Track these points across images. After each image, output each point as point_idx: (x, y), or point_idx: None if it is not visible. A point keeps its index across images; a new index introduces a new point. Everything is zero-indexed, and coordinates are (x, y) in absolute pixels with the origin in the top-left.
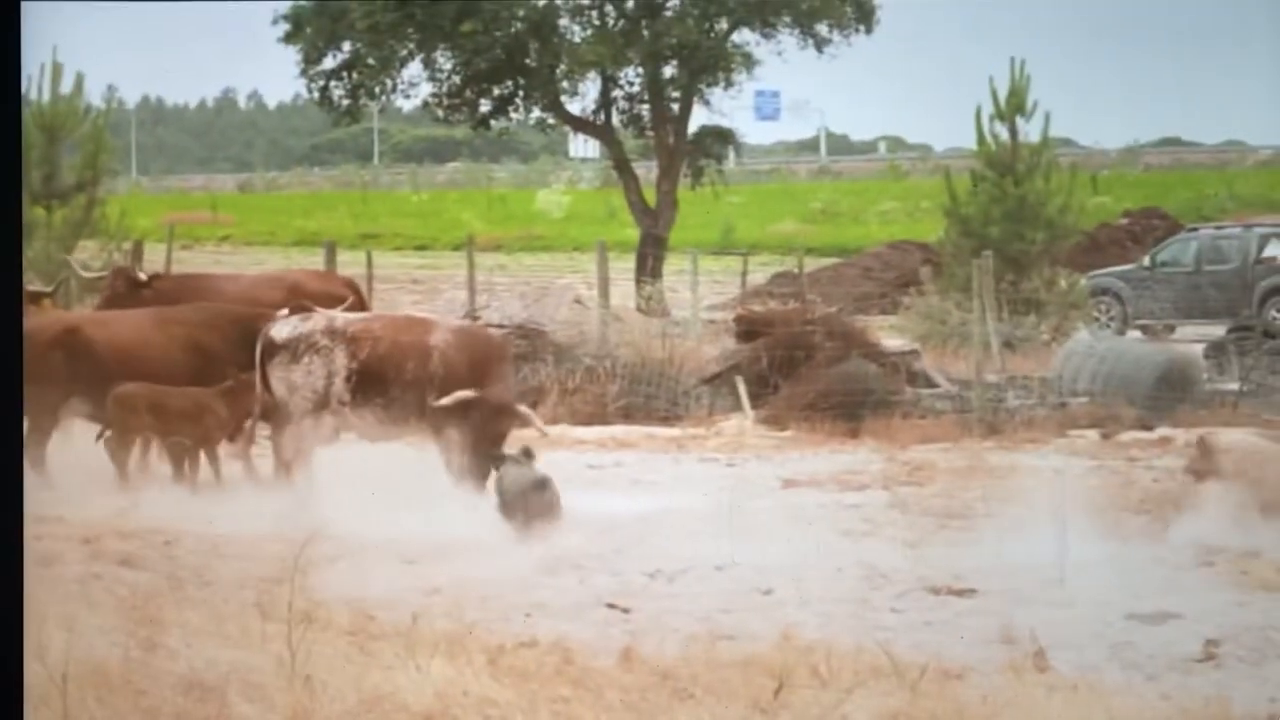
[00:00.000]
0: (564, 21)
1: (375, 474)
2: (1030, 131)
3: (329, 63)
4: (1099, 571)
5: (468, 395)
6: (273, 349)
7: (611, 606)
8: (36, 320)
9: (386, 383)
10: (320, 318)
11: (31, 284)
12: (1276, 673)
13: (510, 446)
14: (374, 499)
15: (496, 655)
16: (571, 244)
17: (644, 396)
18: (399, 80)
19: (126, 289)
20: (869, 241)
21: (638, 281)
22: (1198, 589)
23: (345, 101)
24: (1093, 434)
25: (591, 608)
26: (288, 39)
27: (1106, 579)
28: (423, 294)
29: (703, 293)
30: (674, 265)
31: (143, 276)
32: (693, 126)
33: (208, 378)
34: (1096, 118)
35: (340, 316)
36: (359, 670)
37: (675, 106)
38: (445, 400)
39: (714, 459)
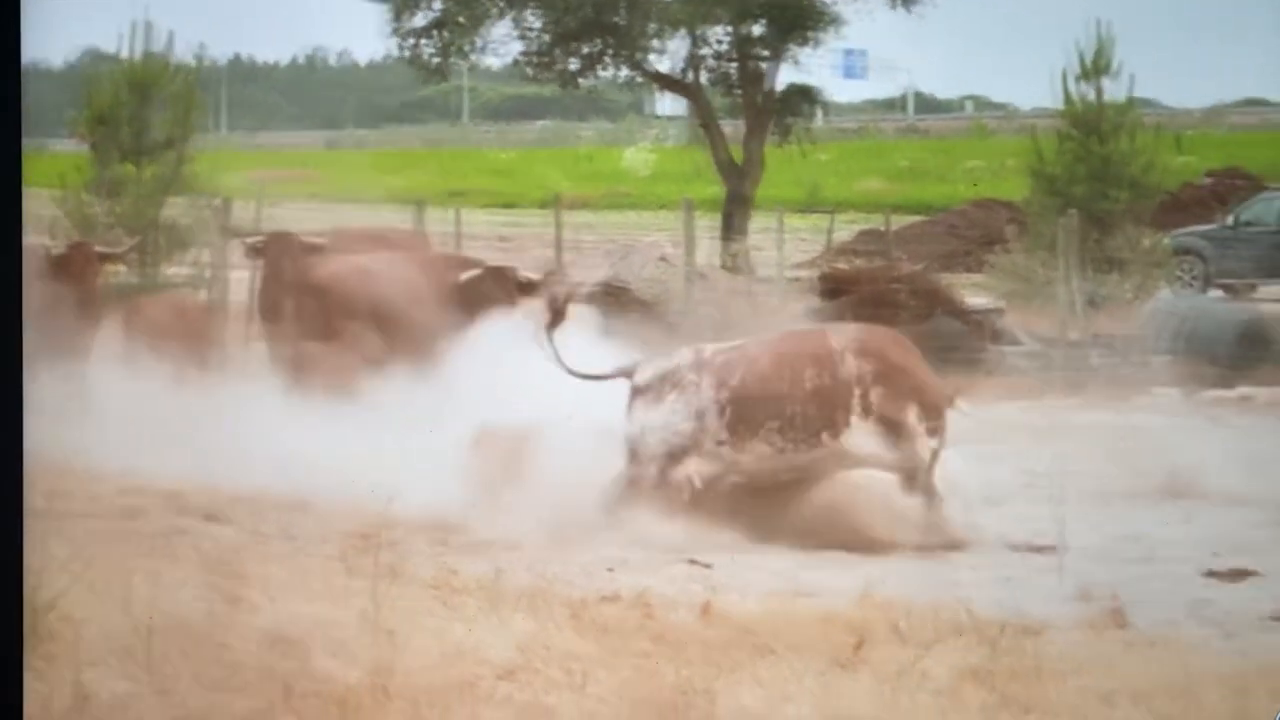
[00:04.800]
0: None
1: None
2: (1115, 91)
3: (419, 21)
4: (1179, 529)
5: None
6: (633, 393)
7: (693, 562)
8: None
9: (780, 400)
10: (686, 351)
11: (112, 244)
12: None
13: None
14: None
15: (579, 609)
16: (657, 202)
17: None
18: (488, 39)
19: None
20: (955, 199)
21: (723, 239)
22: (1277, 547)
23: (435, 60)
24: (1175, 392)
25: (673, 563)
26: None
27: (1186, 536)
28: (510, 251)
29: (788, 251)
30: (759, 223)
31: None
32: (780, 85)
33: None
34: (1181, 78)
35: (708, 347)
36: (441, 624)
37: (763, 65)
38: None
39: None
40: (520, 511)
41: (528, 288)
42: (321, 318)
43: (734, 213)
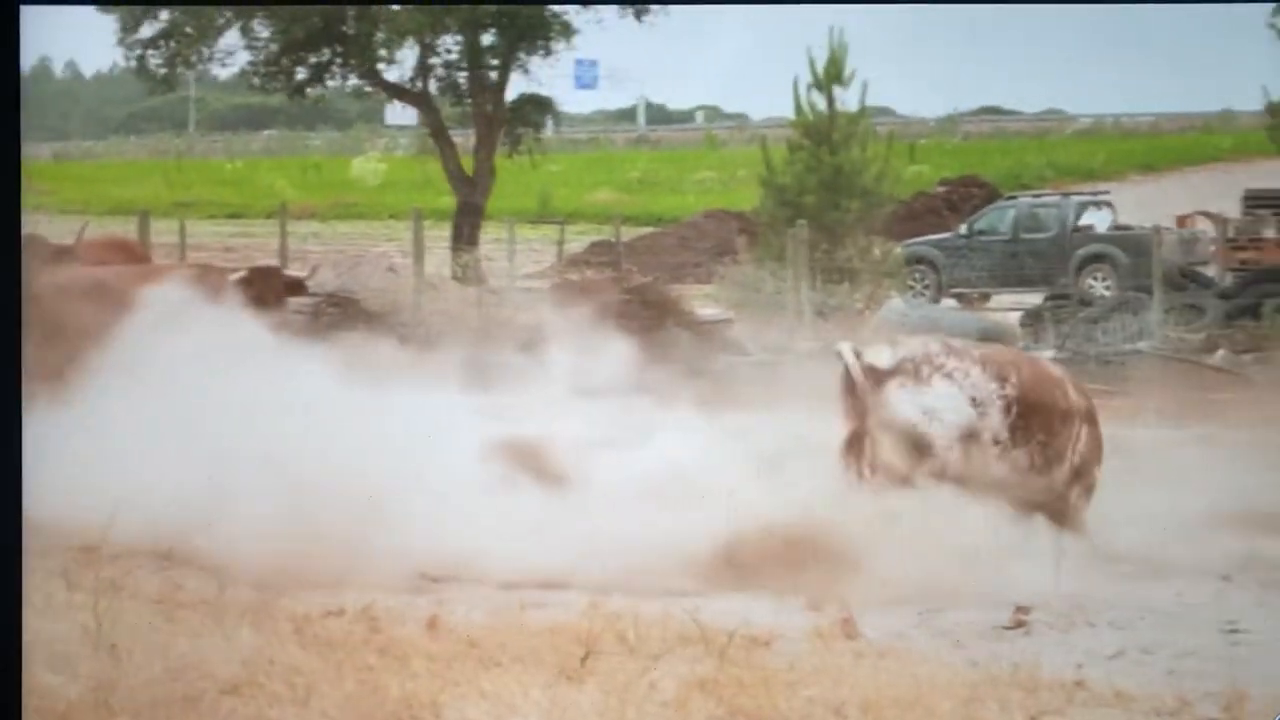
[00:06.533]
0: None
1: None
2: (848, 100)
3: (146, 31)
4: (908, 536)
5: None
6: (878, 375)
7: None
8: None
9: (1051, 414)
10: (945, 346)
11: None
12: (1084, 639)
13: None
14: None
15: (303, 624)
16: (387, 212)
17: None
18: (215, 49)
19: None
20: (686, 211)
21: (453, 250)
22: (1007, 558)
23: (162, 70)
24: None
25: (400, 575)
26: (104, 6)
27: (914, 544)
28: (237, 262)
29: (519, 261)
30: (491, 234)
31: None
32: (511, 95)
33: None
34: (916, 87)
35: (946, 341)
36: (165, 639)
37: (493, 74)
38: None
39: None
40: (246, 524)
41: (295, 287)
42: (44, 325)
43: (464, 223)
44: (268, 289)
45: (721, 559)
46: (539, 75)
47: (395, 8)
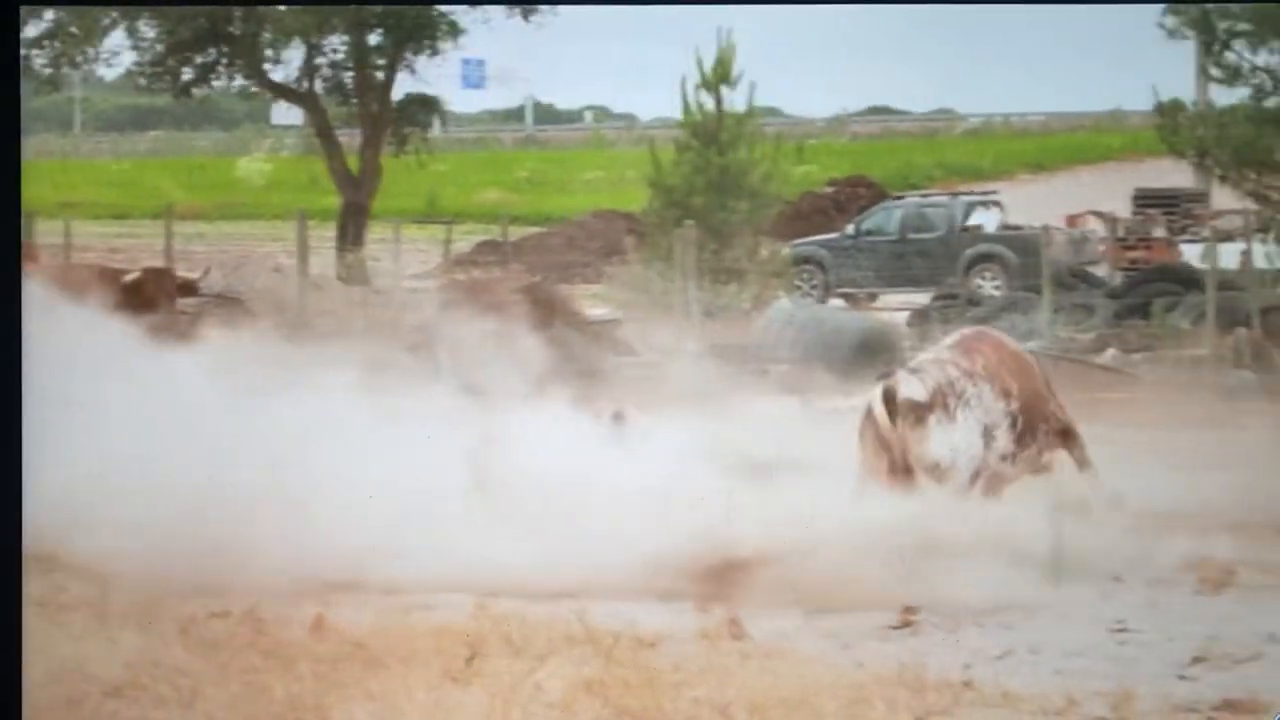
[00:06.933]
0: None
1: None
2: (736, 101)
3: (30, 31)
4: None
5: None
6: (915, 410)
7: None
8: None
9: (1041, 401)
10: (951, 360)
11: None
12: (971, 638)
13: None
14: None
15: (188, 625)
16: (273, 212)
17: None
18: (101, 49)
19: None
20: (574, 210)
21: (339, 250)
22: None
23: (47, 70)
24: (794, 400)
25: (285, 578)
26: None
27: (804, 545)
28: (124, 263)
29: (406, 261)
30: (377, 234)
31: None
32: (398, 94)
33: None
34: (804, 87)
35: (948, 353)
36: (47, 642)
37: (380, 74)
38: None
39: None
40: (129, 527)
41: (187, 289)
42: None
43: (350, 223)
44: (160, 290)
45: (610, 559)
46: (426, 75)
47: (281, 8)
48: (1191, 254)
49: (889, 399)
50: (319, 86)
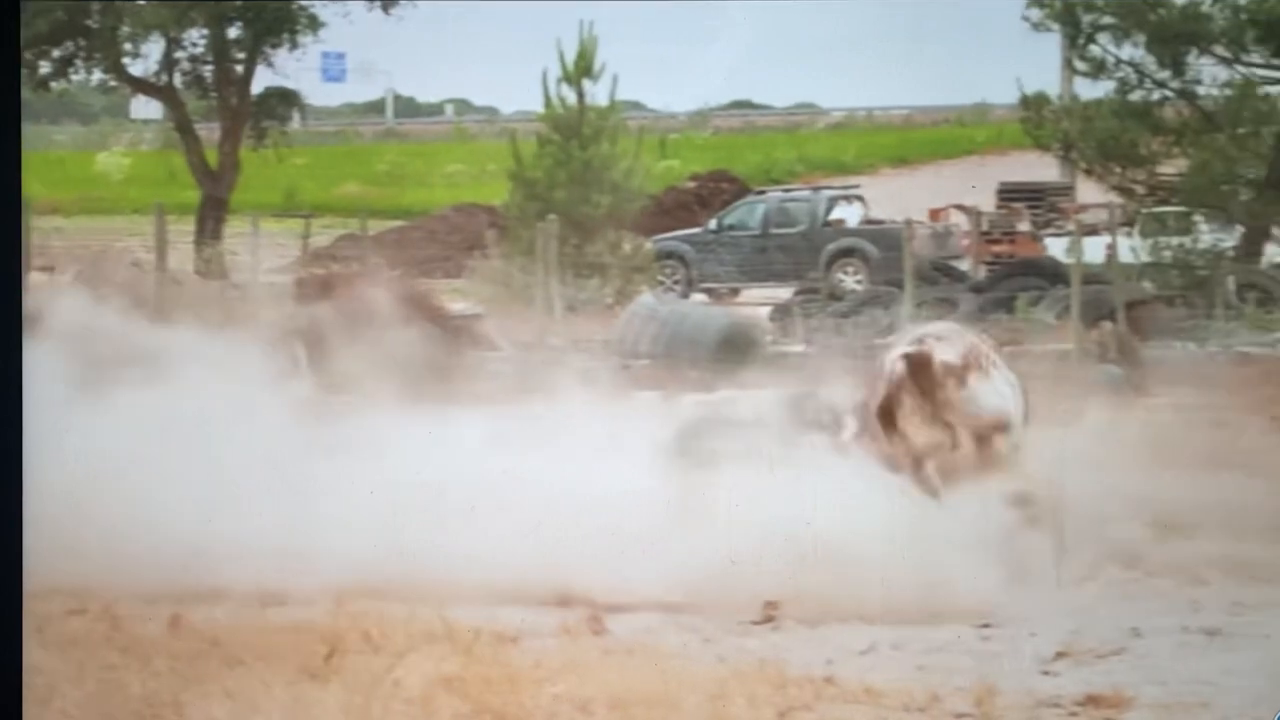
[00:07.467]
0: None
1: None
2: (598, 94)
3: None
4: (662, 533)
5: None
6: (957, 372)
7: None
8: None
9: None
10: (965, 332)
11: None
12: (834, 634)
13: None
14: None
15: (44, 623)
16: (131, 206)
17: None
18: None
19: None
20: (434, 204)
21: (197, 244)
22: (759, 554)
23: None
24: (655, 396)
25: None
26: None
27: (670, 541)
28: None
29: (264, 256)
30: (235, 228)
31: None
32: (257, 88)
33: None
34: (666, 81)
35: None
36: None
37: (239, 68)
38: None
39: None
40: None
41: None
42: None
43: (208, 217)
44: None
45: (473, 558)
46: (285, 68)
47: (140, 1)
48: (1056, 248)
49: (920, 368)
50: (178, 80)
